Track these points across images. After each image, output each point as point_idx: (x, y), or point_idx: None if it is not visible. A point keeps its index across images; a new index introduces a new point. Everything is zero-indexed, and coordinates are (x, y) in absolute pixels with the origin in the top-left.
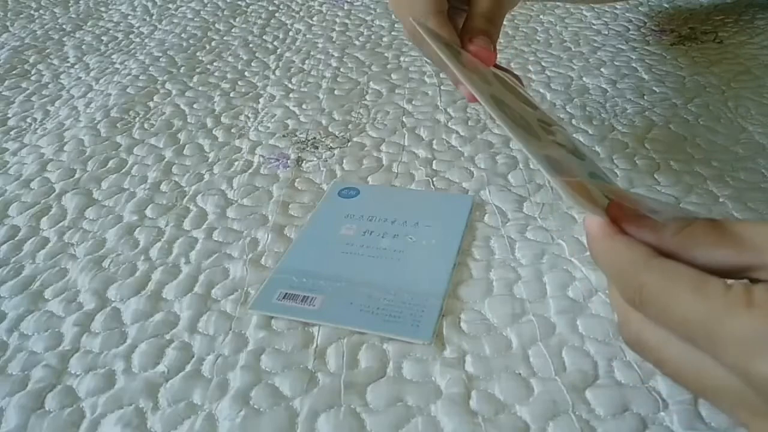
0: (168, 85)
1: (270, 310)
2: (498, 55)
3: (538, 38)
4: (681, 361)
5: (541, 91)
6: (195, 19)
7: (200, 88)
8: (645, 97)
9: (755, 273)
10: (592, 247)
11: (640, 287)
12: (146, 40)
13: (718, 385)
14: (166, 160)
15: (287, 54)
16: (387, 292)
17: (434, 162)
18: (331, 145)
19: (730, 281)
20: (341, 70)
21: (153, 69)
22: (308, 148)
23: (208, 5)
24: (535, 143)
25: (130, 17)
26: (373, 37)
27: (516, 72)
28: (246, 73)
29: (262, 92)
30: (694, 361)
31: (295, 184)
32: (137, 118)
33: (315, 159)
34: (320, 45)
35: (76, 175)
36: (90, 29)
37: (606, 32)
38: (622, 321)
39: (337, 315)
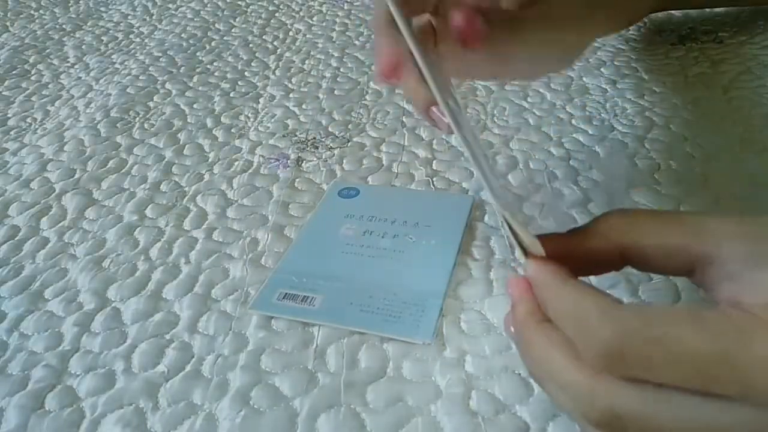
0: (168, 85)
1: (270, 310)
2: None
3: None
4: (682, 415)
5: (541, 91)
6: (195, 19)
7: (200, 88)
8: (645, 97)
9: (703, 267)
10: (546, 297)
11: (618, 339)
12: (146, 40)
13: (736, 422)
14: (166, 160)
15: (287, 54)
16: (387, 292)
17: (434, 162)
18: (331, 145)
19: (721, 309)
20: (341, 70)
21: (153, 69)
22: (308, 148)
23: (208, 5)
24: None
25: (130, 17)
26: (372, 37)
27: None
28: (246, 73)
29: (262, 92)
30: (698, 408)
31: (295, 184)
32: (137, 118)
33: (315, 159)
34: (320, 45)
35: (76, 175)
36: (90, 29)
37: None
38: (583, 396)
39: (337, 315)
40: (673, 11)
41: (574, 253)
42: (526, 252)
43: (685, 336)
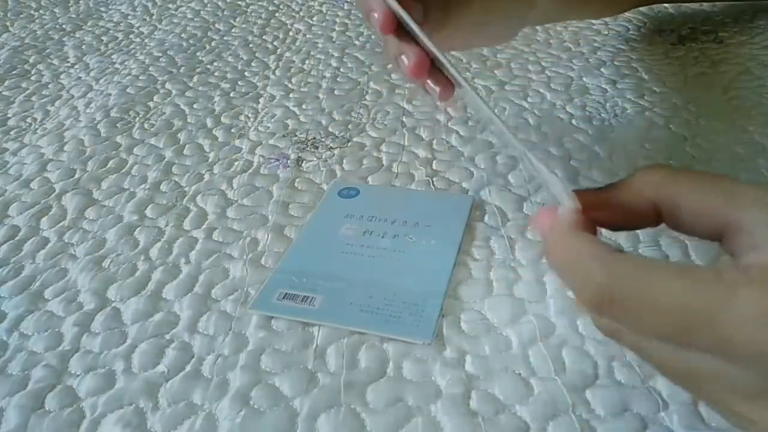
0: (168, 85)
1: (270, 310)
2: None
3: (538, 38)
4: (669, 356)
5: (541, 91)
6: (195, 19)
7: (200, 88)
8: (645, 97)
9: (732, 234)
10: (550, 240)
11: (609, 284)
12: (146, 40)
13: (715, 374)
14: (166, 160)
15: (287, 54)
16: (387, 292)
17: (434, 162)
18: (331, 145)
19: (718, 265)
20: (341, 70)
21: (153, 69)
22: (308, 148)
23: (208, 5)
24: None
25: (130, 17)
26: (373, 37)
27: (516, 73)
28: (246, 73)
29: (262, 92)
30: (681, 354)
31: (295, 184)
32: (137, 118)
33: (315, 159)
34: (320, 45)
35: (76, 175)
36: (90, 29)
37: (606, 32)
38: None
39: (337, 315)
40: (672, 11)
41: (608, 206)
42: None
43: (670, 285)
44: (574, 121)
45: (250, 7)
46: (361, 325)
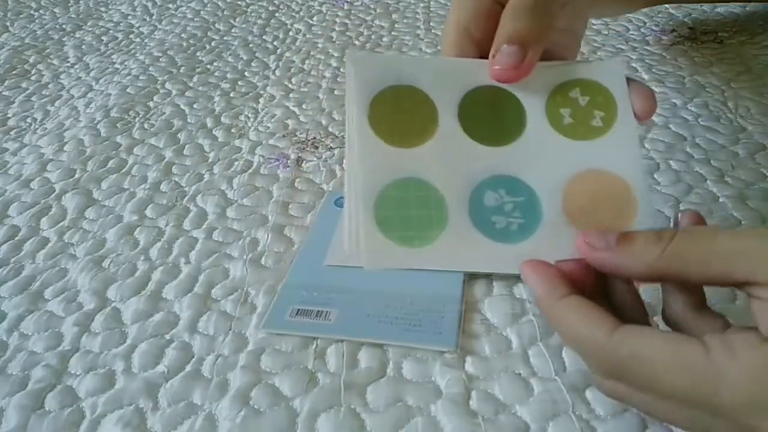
0: (168, 85)
1: (284, 328)
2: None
3: None
4: (670, 412)
5: None
6: (195, 19)
7: (200, 88)
8: None
9: (750, 288)
10: (544, 312)
11: (618, 366)
12: (146, 40)
13: (712, 428)
14: (166, 160)
15: (287, 54)
16: (403, 300)
17: None
18: (331, 145)
19: (708, 339)
20: (341, 70)
21: (153, 69)
22: (308, 148)
23: (208, 5)
24: None
25: (130, 17)
26: (373, 37)
27: None
28: (246, 73)
29: (262, 92)
30: (685, 414)
31: (295, 184)
32: (137, 118)
33: (315, 159)
34: (320, 45)
35: (76, 175)
36: (90, 29)
37: (606, 32)
38: (599, 358)
39: (355, 328)
40: (672, 11)
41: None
42: None
43: (666, 377)
44: None
45: (250, 7)
46: (382, 337)
